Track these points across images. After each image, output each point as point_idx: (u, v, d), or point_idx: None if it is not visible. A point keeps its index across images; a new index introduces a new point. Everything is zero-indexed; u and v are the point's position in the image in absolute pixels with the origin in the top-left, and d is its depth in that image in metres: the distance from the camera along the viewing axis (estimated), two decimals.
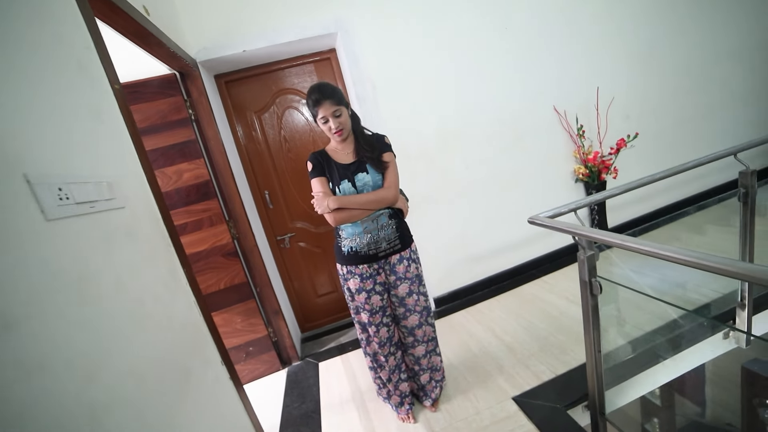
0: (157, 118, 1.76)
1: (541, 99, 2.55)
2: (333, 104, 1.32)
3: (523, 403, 1.53)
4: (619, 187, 1.34)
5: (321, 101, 1.31)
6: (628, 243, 0.93)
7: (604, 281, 1.16)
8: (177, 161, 1.85)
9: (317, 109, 1.32)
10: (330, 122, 1.33)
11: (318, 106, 1.31)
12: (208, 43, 1.87)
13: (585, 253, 1.12)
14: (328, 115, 1.32)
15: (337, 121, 1.33)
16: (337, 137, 1.36)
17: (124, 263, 0.76)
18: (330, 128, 1.34)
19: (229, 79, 2.25)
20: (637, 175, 2.91)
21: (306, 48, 2.22)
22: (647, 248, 0.88)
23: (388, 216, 1.40)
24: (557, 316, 2.10)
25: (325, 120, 1.33)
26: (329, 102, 1.31)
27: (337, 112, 1.33)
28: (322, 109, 1.31)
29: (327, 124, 1.34)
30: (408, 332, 1.54)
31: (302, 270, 2.60)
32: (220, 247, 2.03)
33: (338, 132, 1.34)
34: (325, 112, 1.31)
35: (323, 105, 1.31)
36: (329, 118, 1.32)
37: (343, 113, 1.35)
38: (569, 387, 1.56)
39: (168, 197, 1.85)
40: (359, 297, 1.43)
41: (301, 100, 2.37)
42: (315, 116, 1.35)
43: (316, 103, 1.31)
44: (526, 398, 1.55)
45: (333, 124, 1.33)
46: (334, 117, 1.33)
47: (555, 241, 2.80)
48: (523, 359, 1.81)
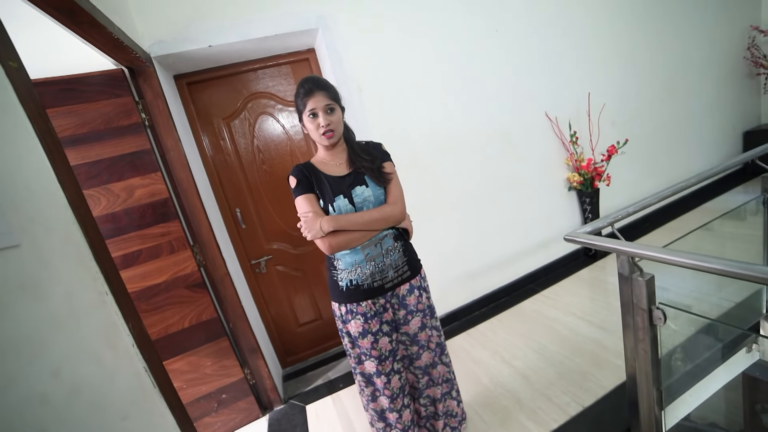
0: (101, 123, 1.43)
1: (532, 105, 2.45)
2: (327, 97, 1.09)
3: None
4: (656, 195, 1.18)
5: (314, 91, 1.08)
6: (707, 264, 0.75)
7: (667, 307, 0.97)
8: (127, 175, 1.52)
9: (307, 100, 1.08)
10: (320, 117, 1.09)
11: (309, 96, 1.07)
12: (166, 35, 1.57)
13: (642, 276, 0.93)
14: (318, 108, 1.08)
15: (327, 118, 1.09)
16: (325, 140, 1.11)
17: (13, 340, 0.46)
18: (318, 125, 1.09)
19: (192, 81, 1.95)
20: (628, 180, 2.92)
21: (282, 47, 1.98)
22: (734, 270, 0.71)
23: (393, 238, 1.17)
24: (568, 336, 1.94)
25: (313, 114, 1.09)
26: (323, 94, 1.08)
27: (331, 107, 1.10)
28: (313, 101, 1.07)
29: (315, 120, 1.09)
30: (422, 372, 1.30)
31: (281, 297, 2.28)
32: (184, 278, 1.69)
33: (327, 132, 1.10)
34: (316, 104, 1.08)
35: (315, 95, 1.07)
36: (319, 113, 1.09)
37: (336, 112, 1.11)
38: (602, 422, 1.37)
39: (114, 220, 1.51)
40: (364, 342, 1.17)
41: (276, 105, 2.11)
42: (302, 111, 1.11)
43: (308, 93, 1.07)
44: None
45: (322, 120, 1.09)
46: (326, 113, 1.09)
47: (551, 252, 2.69)
48: (541, 389, 1.61)
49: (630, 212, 1.10)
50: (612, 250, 0.94)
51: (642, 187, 2.92)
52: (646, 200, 1.12)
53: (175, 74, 1.89)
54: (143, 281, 1.61)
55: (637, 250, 0.86)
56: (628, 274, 1.05)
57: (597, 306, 2.16)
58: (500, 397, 1.65)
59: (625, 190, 2.85)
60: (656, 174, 2.97)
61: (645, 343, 0.94)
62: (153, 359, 0.79)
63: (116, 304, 0.70)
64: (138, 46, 1.42)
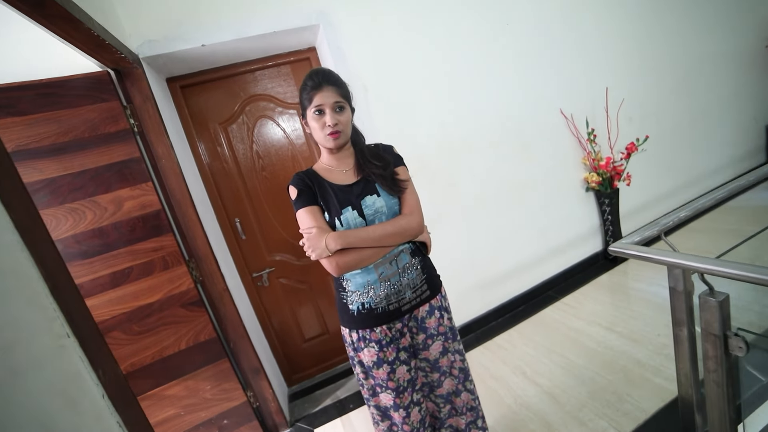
0: (85, 130, 1.31)
1: (546, 102, 2.32)
2: (337, 94, 0.97)
3: None
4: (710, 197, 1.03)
5: (323, 85, 0.95)
6: None
7: (747, 333, 0.82)
8: (115, 186, 1.39)
9: (314, 94, 0.95)
10: (327, 116, 0.96)
11: (317, 90, 0.95)
12: (155, 34, 1.45)
13: (713, 295, 0.79)
14: (326, 105, 0.95)
15: (335, 116, 0.96)
16: (330, 141, 0.98)
17: None
18: (324, 124, 0.96)
19: (186, 84, 1.83)
20: (648, 180, 2.78)
21: (281, 45, 1.86)
22: None
23: (410, 253, 1.03)
24: (595, 349, 1.79)
25: (319, 111, 0.96)
26: (333, 89, 0.96)
27: (340, 104, 0.97)
28: (321, 95, 0.95)
29: (321, 118, 0.96)
30: (444, 401, 1.15)
31: (285, 311, 2.15)
32: (179, 296, 1.56)
33: (334, 133, 0.97)
34: (324, 100, 0.95)
35: (324, 90, 0.95)
36: (326, 110, 0.96)
37: (345, 111, 0.99)
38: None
39: (102, 235, 1.38)
40: (379, 372, 1.03)
41: (276, 107, 1.98)
42: (306, 107, 0.98)
43: (317, 86, 0.95)
44: None
45: (329, 119, 0.96)
46: (333, 111, 0.96)
47: (569, 257, 2.54)
48: (573, 412, 1.46)
49: (682, 217, 0.96)
50: (675, 266, 0.80)
51: (662, 186, 2.78)
52: (699, 202, 0.98)
53: (167, 77, 1.77)
54: (135, 301, 1.48)
55: (710, 267, 0.72)
56: (683, 290, 0.91)
57: (623, 314, 2.01)
58: (527, 420, 1.50)
59: (645, 190, 2.70)
60: (676, 171, 2.83)
61: (718, 375, 0.80)
62: (131, 410, 0.65)
63: (81, 348, 0.57)
64: (124, 46, 1.30)
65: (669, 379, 1.45)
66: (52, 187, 1.28)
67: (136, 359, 1.50)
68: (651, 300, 2.05)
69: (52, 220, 1.28)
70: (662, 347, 1.65)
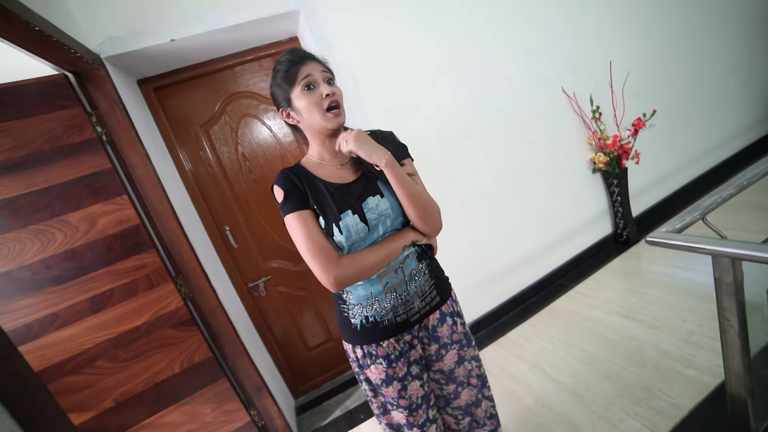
0: (44, 142, 1.17)
1: (546, 81, 2.18)
2: (320, 65, 0.84)
3: None
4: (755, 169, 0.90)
5: (305, 59, 0.82)
6: None
7: None
8: (85, 202, 1.26)
9: (299, 68, 0.81)
10: (321, 87, 0.81)
11: (300, 64, 0.81)
12: (117, 31, 1.31)
13: None
14: (316, 77, 0.81)
15: (329, 88, 0.82)
16: (332, 119, 0.82)
17: None
18: (320, 97, 0.81)
19: (160, 85, 1.69)
20: (657, 156, 2.65)
21: (260, 37, 1.71)
22: None
23: (416, 258, 0.91)
24: (616, 340, 1.68)
25: (309, 85, 0.81)
26: (314, 62, 0.83)
27: (328, 76, 0.84)
28: (306, 68, 0.81)
29: (314, 92, 0.81)
30: (463, 413, 1.04)
31: (285, 320, 2.03)
32: (168, 316, 1.44)
33: (334, 107, 0.82)
34: (311, 71, 0.81)
35: (307, 63, 0.82)
36: (318, 81, 0.81)
37: (335, 84, 0.86)
38: None
39: (75, 257, 1.25)
40: (389, 390, 0.92)
41: (260, 105, 1.85)
42: (289, 87, 0.82)
43: (298, 61, 0.81)
44: None
45: (325, 88, 0.81)
46: (326, 82, 0.83)
47: (578, 243, 2.43)
48: (600, 412, 1.36)
49: (725, 197, 0.84)
50: (724, 255, 0.69)
51: (672, 161, 2.66)
52: (744, 177, 0.86)
53: (138, 78, 1.63)
54: (119, 325, 1.36)
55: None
56: (732, 280, 0.80)
57: (641, 300, 1.90)
58: (551, 423, 1.40)
59: (655, 167, 2.59)
60: (686, 144, 2.71)
61: None
62: None
63: None
64: (80, 45, 1.16)
65: (702, 371, 1.35)
66: (13, 207, 1.15)
67: (126, 388, 1.38)
68: (669, 283, 1.95)
69: (16, 244, 1.15)
70: (689, 335, 1.55)
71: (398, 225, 0.89)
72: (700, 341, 1.49)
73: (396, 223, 0.88)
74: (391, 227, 0.87)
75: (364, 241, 0.84)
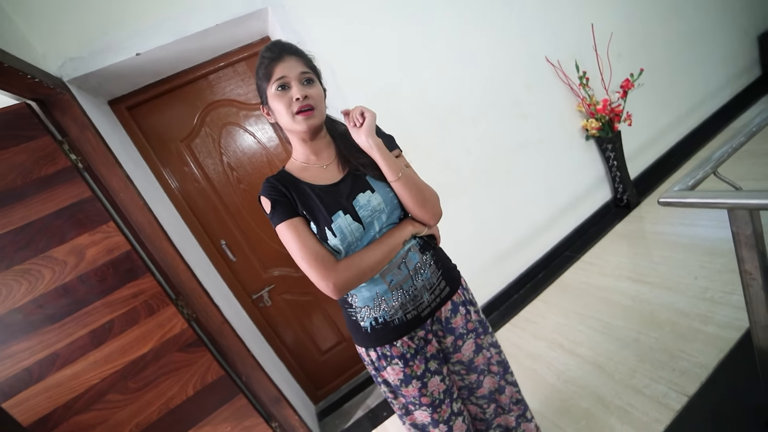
0: (16, 177, 1.11)
1: (529, 52, 2.13)
2: (302, 63, 0.79)
3: None
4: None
5: (283, 55, 0.77)
6: None
7: None
8: (70, 235, 1.21)
9: (274, 67, 0.76)
10: (293, 89, 0.76)
11: (276, 62, 0.76)
12: (77, 50, 1.24)
13: None
14: (290, 77, 0.76)
15: (303, 89, 0.77)
16: (301, 121, 0.77)
17: None
18: (290, 101, 0.76)
19: (133, 104, 1.62)
20: (649, 115, 2.60)
21: (230, 41, 1.64)
22: None
23: (419, 250, 0.86)
24: (631, 306, 1.66)
25: (283, 86, 0.76)
26: (296, 59, 0.78)
27: (307, 76, 0.79)
28: (282, 67, 0.76)
29: (286, 94, 0.76)
30: (487, 401, 1.02)
31: (295, 327, 2.00)
32: (174, 340, 1.39)
33: (305, 110, 0.77)
34: (286, 71, 0.76)
35: (285, 60, 0.76)
36: (291, 83, 0.76)
37: (315, 85, 0.80)
38: (722, 413, 1.09)
39: (67, 292, 1.20)
40: (409, 390, 0.88)
41: (240, 111, 1.78)
42: (265, 87, 0.78)
43: (276, 58, 0.76)
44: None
45: (297, 91, 0.76)
46: (301, 83, 0.77)
47: (580, 212, 2.40)
48: (624, 380, 1.34)
49: (735, 146, 0.80)
50: (742, 207, 0.65)
51: (665, 118, 2.63)
52: (753, 123, 0.82)
53: (109, 99, 1.56)
54: (124, 356, 1.31)
55: None
56: (752, 232, 0.76)
57: (650, 263, 1.88)
58: (576, 397, 1.38)
59: (648, 126, 2.55)
60: (676, 100, 2.67)
61: None
62: None
63: None
64: (39, 70, 1.09)
65: (722, 326, 1.33)
66: None
67: (141, 418, 1.35)
68: (676, 242, 1.92)
69: (2, 288, 1.10)
70: (703, 291, 1.53)
71: (395, 219, 0.84)
72: (715, 297, 1.47)
73: (392, 217, 0.83)
74: (387, 222, 0.83)
75: (361, 241, 0.80)
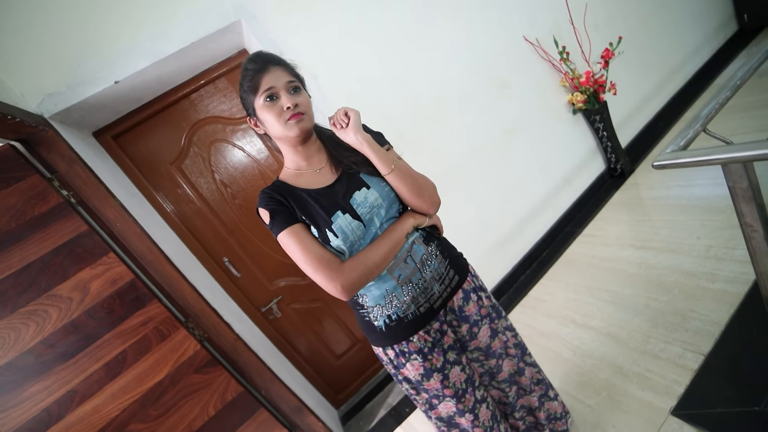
0: (9, 220, 1.10)
1: (507, 33, 2.13)
2: (287, 73, 0.79)
3: (694, 418, 1.05)
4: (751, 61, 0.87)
5: (268, 66, 0.77)
6: None
7: None
8: (72, 271, 1.20)
9: (260, 78, 0.76)
10: (282, 99, 0.77)
11: (262, 73, 0.76)
12: (55, 85, 1.23)
13: None
14: (278, 87, 0.76)
15: (292, 98, 0.77)
16: (293, 127, 0.77)
17: None
18: (281, 110, 0.77)
19: (118, 132, 1.61)
20: (633, 82, 2.60)
21: (208, 58, 1.63)
22: None
23: (423, 242, 0.86)
24: (638, 273, 1.67)
25: (271, 97, 0.77)
26: (281, 69, 0.78)
27: (294, 85, 0.79)
28: (269, 78, 0.76)
29: (275, 104, 0.77)
30: (509, 384, 1.02)
31: (308, 335, 2.00)
32: (188, 362, 1.39)
33: (296, 115, 0.77)
34: (274, 82, 0.76)
35: (271, 71, 0.77)
36: (280, 92, 0.77)
37: (302, 93, 0.81)
38: (739, 368, 1.10)
39: (77, 328, 1.20)
40: (431, 384, 0.88)
41: (226, 127, 1.77)
42: (252, 99, 0.78)
43: (261, 69, 0.77)
44: (694, 408, 1.08)
45: (287, 101, 0.76)
46: (288, 92, 0.78)
47: (575, 187, 2.41)
48: (640, 347, 1.35)
49: (722, 101, 0.81)
50: (735, 160, 0.66)
51: (649, 83, 2.63)
52: (737, 77, 0.82)
53: (93, 131, 1.55)
54: (141, 385, 1.31)
55: None
56: (748, 185, 0.77)
57: (651, 228, 1.89)
58: (594, 370, 1.39)
59: (634, 93, 2.56)
60: (658, 63, 2.68)
61: None
62: None
63: None
64: (19, 110, 1.08)
65: (729, 282, 1.34)
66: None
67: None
68: (674, 204, 1.93)
69: (9, 332, 1.09)
70: (707, 249, 1.54)
71: (394, 213, 0.84)
72: (719, 254, 1.48)
73: (391, 211, 0.83)
74: (387, 217, 0.83)
75: (364, 239, 0.80)
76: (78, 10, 1.24)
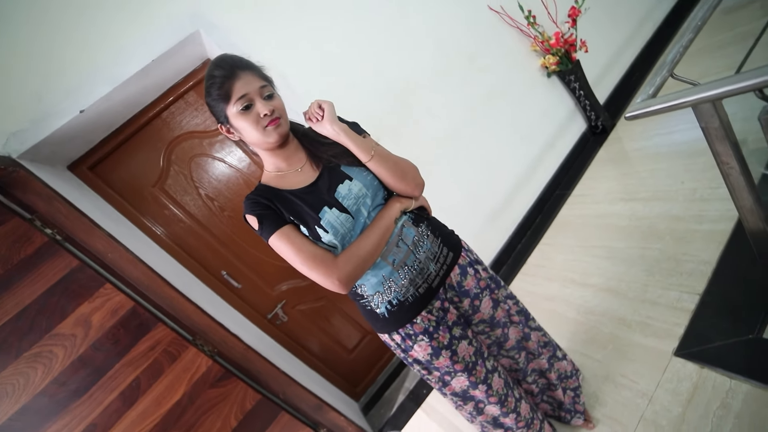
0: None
1: (470, 4, 2.10)
2: (258, 77, 0.77)
3: (695, 355, 1.09)
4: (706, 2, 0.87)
5: (236, 72, 0.74)
6: None
7: None
8: (70, 308, 1.19)
9: (231, 86, 0.73)
10: (257, 105, 0.75)
11: (232, 80, 0.73)
12: (17, 123, 1.20)
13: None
14: (252, 93, 0.74)
15: (268, 105, 0.75)
16: (272, 133, 0.76)
17: None
18: (257, 117, 0.75)
19: (94, 162, 1.58)
20: (603, 37, 2.61)
21: (173, 72, 1.60)
22: None
23: (413, 224, 0.87)
24: (629, 225, 1.70)
25: (245, 104, 0.74)
26: (251, 73, 0.76)
27: (267, 90, 0.77)
28: (240, 84, 0.74)
29: (250, 112, 0.75)
30: (517, 351, 1.05)
31: (318, 334, 2.02)
32: (203, 379, 1.40)
33: (273, 121, 0.76)
34: (247, 88, 0.74)
35: (241, 77, 0.74)
36: (255, 99, 0.75)
37: (276, 97, 0.80)
38: (735, 300, 1.14)
39: (85, 363, 1.20)
40: (441, 361, 0.90)
41: (203, 141, 1.75)
42: (223, 107, 0.75)
43: (229, 75, 0.73)
44: (694, 346, 1.12)
45: (262, 107, 0.74)
46: (263, 98, 0.76)
47: (559, 150, 2.42)
48: (639, 296, 1.39)
49: (685, 44, 0.81)
50: (705, 100, 0.66)
51: (620, 35, 2.63)
52: (696, 18, 0.82)
53: (67, 164, 1.52)
54: (160, 407, 1.32)
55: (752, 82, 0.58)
56: (719, 124, 0.78)
57: (637, 179, 1.91)
58: (598, 325, 1.42)
59: (606, 48, 2.56)
60: (625, 13, 2.66)
61: None
62: None
63: None
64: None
65: (716, 221, 1.37)
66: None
67: None
68: (657, 153, 1.96)
69: (18, 377, 1.09)
70: (692, 192, 1.57)
71: (380, 200, 0.85)
72: (704, 195, 1.51)
73: (377, 199, 0.84)
74: (374, 205, 0.83)
75: (354, 231, 0.80)
76: (33, 43, 1.20)
